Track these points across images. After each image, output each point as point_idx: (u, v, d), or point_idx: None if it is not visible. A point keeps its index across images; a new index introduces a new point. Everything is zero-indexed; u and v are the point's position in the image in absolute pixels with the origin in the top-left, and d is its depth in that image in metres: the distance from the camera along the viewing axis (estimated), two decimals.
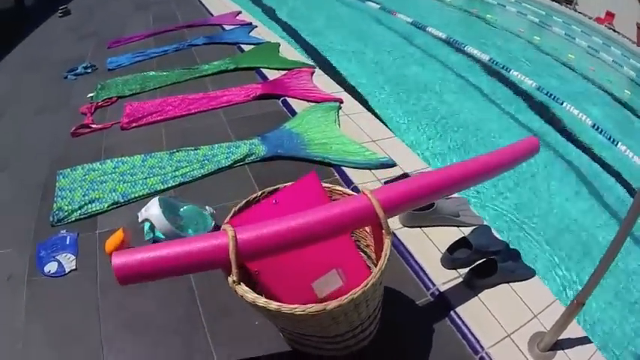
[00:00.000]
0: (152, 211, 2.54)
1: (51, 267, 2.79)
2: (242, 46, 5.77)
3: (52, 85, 5.55)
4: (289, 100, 4.21)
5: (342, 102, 4.12)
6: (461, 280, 2.43)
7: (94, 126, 4.09)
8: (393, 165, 3.25)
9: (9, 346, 2.41)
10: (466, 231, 2.67)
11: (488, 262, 2.39)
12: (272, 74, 4.86)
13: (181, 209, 2.74)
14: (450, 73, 6.64)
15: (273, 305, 1.51)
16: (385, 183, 2.85)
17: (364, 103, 4.99)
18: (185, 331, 2.34)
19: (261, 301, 1.52)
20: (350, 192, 1.95)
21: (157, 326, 2.38)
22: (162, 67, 5.33)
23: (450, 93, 6.00)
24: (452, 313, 2.32)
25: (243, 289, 1.54)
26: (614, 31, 14.45)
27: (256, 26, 6.68)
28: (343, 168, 3.25)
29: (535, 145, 2.14)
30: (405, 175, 2.97)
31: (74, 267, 2.77)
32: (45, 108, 4.95)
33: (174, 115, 4.11)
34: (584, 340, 2.19)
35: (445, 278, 2.45)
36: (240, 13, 7.62)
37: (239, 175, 3.32)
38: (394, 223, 2.80)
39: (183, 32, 6.71)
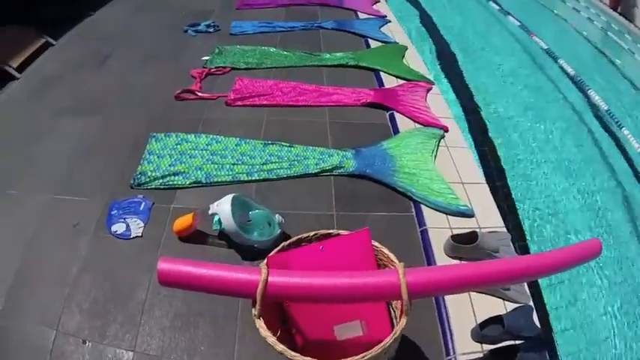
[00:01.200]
0: (223, 207, 2.68)
1: (118, 227, 2.98)
2: (369, 40, 5.80)
3: (169, 33, 5.81)
4: (397, 115, 4.22)
5: (447, 130, 4.09)
6: (481, 356, 2.43)
7: (200, 94, 4.25)
8: (471, 215, 3.22)
9: (57, 288, 2.63)
10: (510, 306, 2.65)
11: (512, 347, 2.36)
12: (389, 80, 4.84)
13: (253, 211, 2.87)
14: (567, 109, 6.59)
15: (279, 347, 1.67)
16: (453, 236, 2.85)
17: (483, 125, 5.08)
18: (219, 319, 2.50)
19: (270, 340, 1.68)
20: (394, 259, 1.96)
21: (196, 313, 2.53)
22: (285, 44, 5.44)
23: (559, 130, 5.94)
24: None
25: (259, 324, 1.71)
26: None
27: (390, 21, 6.64)
28: (421, 206, 3.27)
29: (596, 249, 2.02)
30: (474, 235, 2.93)
31: (140, 234, 2.94)
32: (156, 57, 5.19)
33: (281, 102, 4.18)
34: None
35: (467, 349, 2.44)
36: (378, 1, 7.67)
37: (322, 186, 3.35)
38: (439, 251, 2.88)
39: (316, 10, 6.77)
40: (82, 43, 5.74)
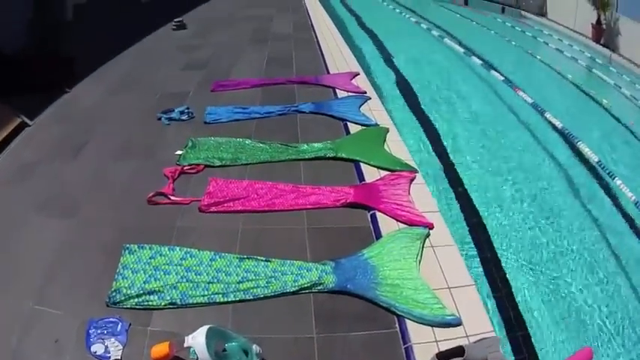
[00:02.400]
0: (198, 340, 2.76)
1: (97, 348, 3.02)
2: (348, 124, 5.94)
3: (143, 120, 5.98)
4: (379, 214, 4.31)
5: (432, 227, 4.20)
6: None
7: (173, 198, 4.31)
8: (458, 324, 3.31)
9: None
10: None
11: None
12: (370, 172, 4.94)
13: (230, 343, 2.96)
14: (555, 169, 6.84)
15: None
16: (438, 354, 2.93)
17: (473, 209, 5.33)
18: None
19: None
20: None
21: None
22: (261, 133, 5.58)
23: (555, 195, 6.13)
24: None
25: None
26: None
27: (369, 98, 6.84)
28: (406, 320, 3.35)
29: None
30: (460, 350, 3.01)
31: (119, 357, 2.98)
32: (129, 150, 5.33)
33: (257, 208, 4.26)
34: None
35: None
36: (357, 75, 7.84)
37: (301, 305, 3.38)
38: None
39: (294, 89, 7.00)
40: (58, 126, 5.97)
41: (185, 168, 4.84)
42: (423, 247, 3.95)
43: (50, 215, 4.29)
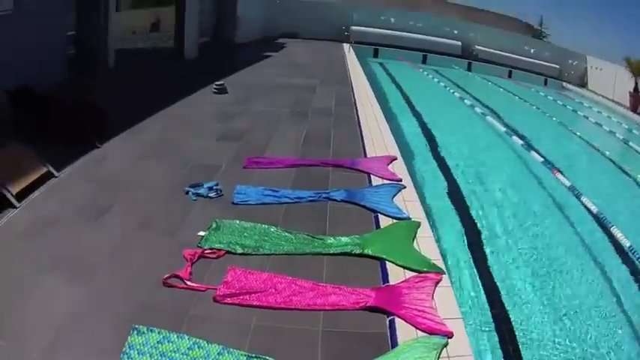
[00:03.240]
0: None
1: None
2: (379, 216, 5.98)
3: (171, 191, 6.13)
4: (397, 320, 4.29)
5: (451, 336, 4.20)
6: None
7: (189, 283, 4.36)
8: None
9: None
10: None
11: None
12: (394, 272, 4.95)
13: None
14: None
15: None
16: None
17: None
18: None
19: None
20: None
21: None
22: (289, 220, 5.65)
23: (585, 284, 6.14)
24: None
25: None
26: None
27: (404, 186, 6.92)
28: None
29: None
30: None
31: None
32: (152, 223, 5.44)
33: (273, 304, 4.28)
34: None
35: None
36: (394, 160, 7.97)
37: None
38: None
39: (328, 172, 7.15)
40: (85, 183, 6.17)
41: (206, 252, 4.90)
42: (439, 358, 3.91)
43: (63, 278, 4.37)
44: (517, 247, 7.16)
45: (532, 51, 31.08)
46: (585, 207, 8.30)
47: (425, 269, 5.01)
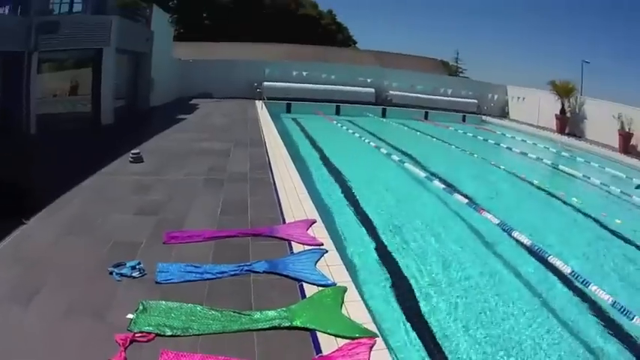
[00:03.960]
0: None
1: None
2: (304, 285, 6.04)
3: (95, 272, 6.05)
4: None
5: None
6: None
7: None
8: None
9: None
10: None
11: None
12: (327, 342, 4.98)
13: None
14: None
15: None
16: None
17: None
18: None
19: None
20: None
21: None
22: (214, 298, 5.65)
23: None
24: None
25: None
26: None
27: (326, 251, 7.01)
28: None
29: None
30: None
31: None
32: (81, 306, 5.34)
33: None
34: None
35: None
36: (314, 223, 8.12)
37: None
38: None
39: (248, 242, 7.19)
40: (14, 263, 6.12)
41: (136, 335, 4.87)
42: None
43: None
44: (452, 297, 7.32)
45: (449, 91, 31.99)
46: (517, 241, 8.64)
47: (357, 335, 5.06)
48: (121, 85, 19.30)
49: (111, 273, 6.03)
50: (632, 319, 5.95)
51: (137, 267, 6.15)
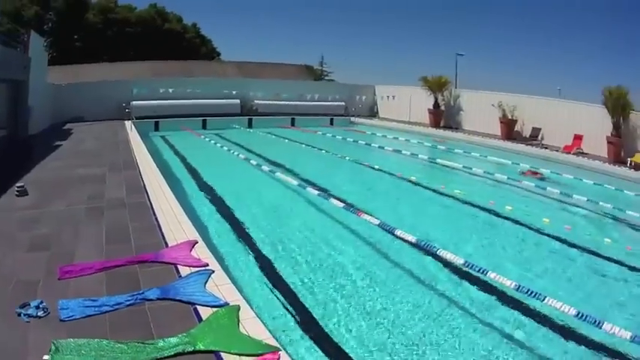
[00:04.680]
0: None
1: None
2: (198, 308, 6.24)
3: (5, 315, 6.17)
4: None
5: None
6: None
7: None
8: None
9: None
10: None
11: None
12: None
13: None
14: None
15: None
16: None
17: None
18: None
19: None
20: None
21: None
22: (116, 330, 5.86)
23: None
24: None
25: None
26: None
27: (213, 271, 7.37)
28: None
29: None
30: None
31: None
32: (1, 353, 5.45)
33: None
34: None
35: None
36: (196, 243, 8.49)
37: None
38: None
39: (136, 270, 7.50)
40: None
41: None
42: None
43: None
44: (346, 306, 7.76)
45: (316, 96, 33.04)
46: (404, 240, 9.07)
47: (260, 351, 5.34)
48: (1, 114, 18.94)
49: (19, 315, 6.17)
50: (544, 300, 6.70)
51: (40, 306, 6.34)
